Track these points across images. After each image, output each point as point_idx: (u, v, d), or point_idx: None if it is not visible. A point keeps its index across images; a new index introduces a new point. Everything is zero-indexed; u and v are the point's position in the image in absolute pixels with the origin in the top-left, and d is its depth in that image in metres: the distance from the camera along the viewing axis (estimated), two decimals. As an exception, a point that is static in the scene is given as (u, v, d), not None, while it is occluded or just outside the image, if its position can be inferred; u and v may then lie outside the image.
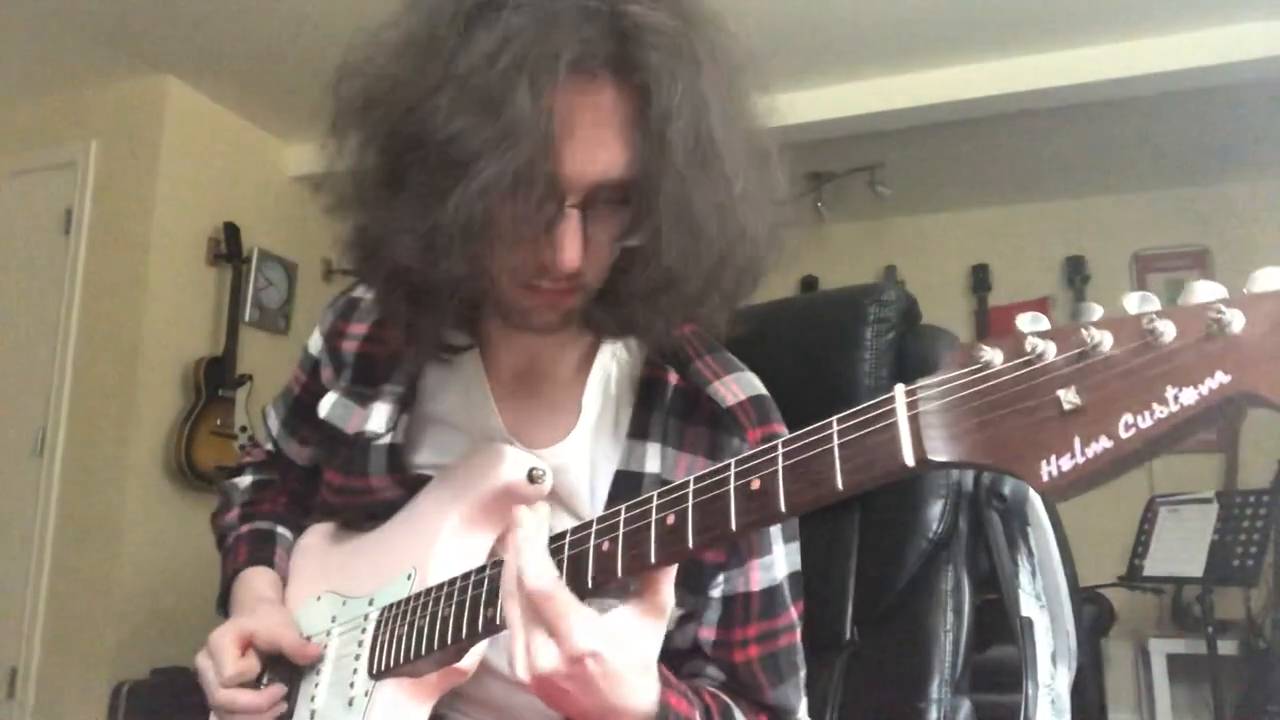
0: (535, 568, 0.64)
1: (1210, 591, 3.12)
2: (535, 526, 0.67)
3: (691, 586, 0.82)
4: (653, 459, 0.85)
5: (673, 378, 0.88)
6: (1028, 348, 0.48)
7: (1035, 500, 1.10)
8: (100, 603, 3.19)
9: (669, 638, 0.80)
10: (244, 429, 3.54)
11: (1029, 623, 1.07)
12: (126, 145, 3.49)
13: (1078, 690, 1.13)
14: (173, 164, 3.47)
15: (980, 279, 4.54)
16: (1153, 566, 3.27)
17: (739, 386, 0.88)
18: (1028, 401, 0.48)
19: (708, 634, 0.84)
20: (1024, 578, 1.10)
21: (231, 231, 3.59)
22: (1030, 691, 1.03)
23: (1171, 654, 3.65)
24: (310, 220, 3.96)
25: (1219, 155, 4.01)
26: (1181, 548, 3.17)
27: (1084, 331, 0.46)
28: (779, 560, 0.86)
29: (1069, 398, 0.46)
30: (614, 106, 0.71)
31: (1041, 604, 1.09)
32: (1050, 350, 0.47)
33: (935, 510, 1.08)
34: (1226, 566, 3.07)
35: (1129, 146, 3.96)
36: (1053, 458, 0.46)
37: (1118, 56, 3.17)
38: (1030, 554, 1.11)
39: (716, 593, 0.84)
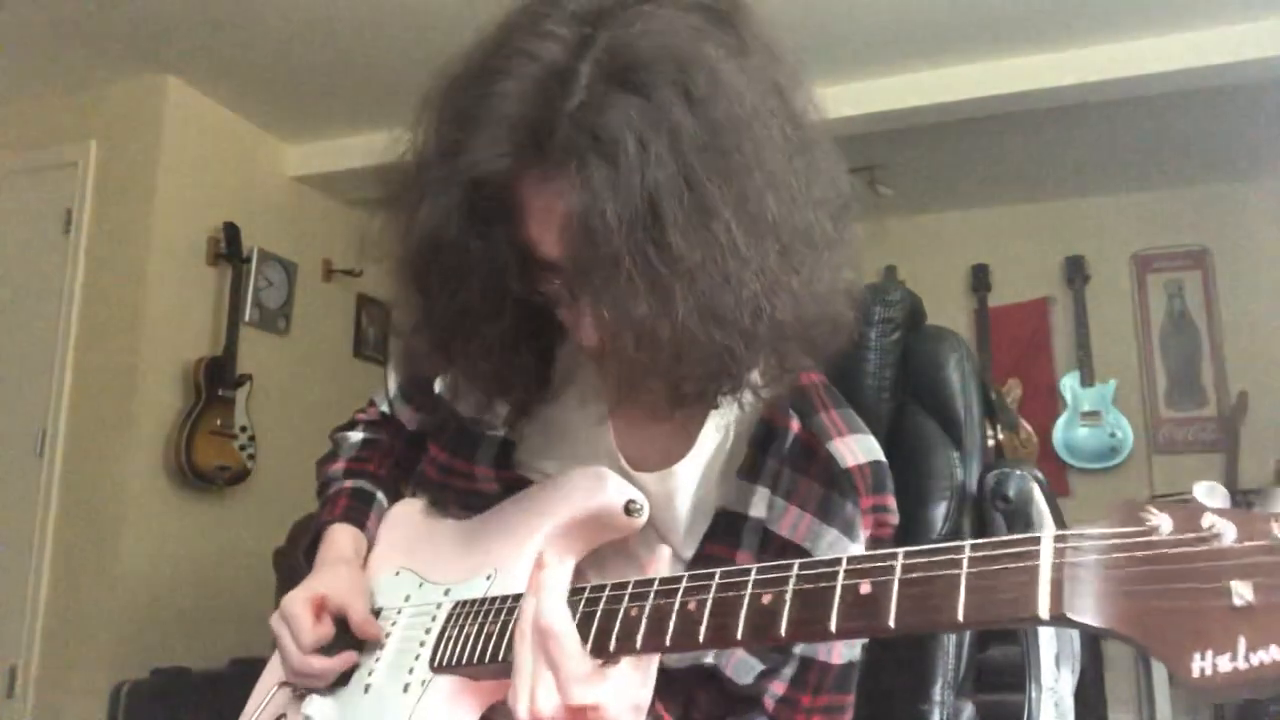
0: (551, 605, 0.67)
1: (1210, 591, 3.12)
2: (559, 571, 0.69)
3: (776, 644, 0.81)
4: (759, 504, 0.82)
5: (795, 425, 0.84)
6: (1204, 524, 0.44)
7: (1039, 502, 1.10)
8: (100, 603, 3.19)
9: (742, 686, 0.80)
10: (244, 429, 3.54)
11: (1033, 624, 1.07)
12: (126, 145, 3.48)
13: (1078, 691, 1.13)
14: (173, 164, 3.47)
15: (980, 279, 4.54)
16: (1153, 566, 3.26)
17: (860, 449, 0.84)
18: (1193, 583, 0.43)
19: (778, 688, 0.81)
20: (1027, 579, 1.10)
21: (231, 231, 3.58)
22: (1034, 694, 1.03)
23: (1172, 654, 3.64)
24: (310, 220, 3.96)
25: (1219, 155, 4.01)
26: (1182, 548, 3.16)
27: (1274, 523, 0.42)
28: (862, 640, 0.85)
29: (1242, 592, 0.42)
30: (555, 198, 0.69)
31: (1045, 605, 1.09)
32: (1229, 533, 0.43)
33: (939, 511, 1.08)
34: (1227, 566, 3.07)
35: (1129, 146, 3.96)
36: (1209, 653, 0.41)
37: (1118, 56, 3.17)
38: (1034, 555, 1.11)
39: (798, 650, 0.81)
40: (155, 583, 3.28)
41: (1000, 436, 4.14)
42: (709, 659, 0.79)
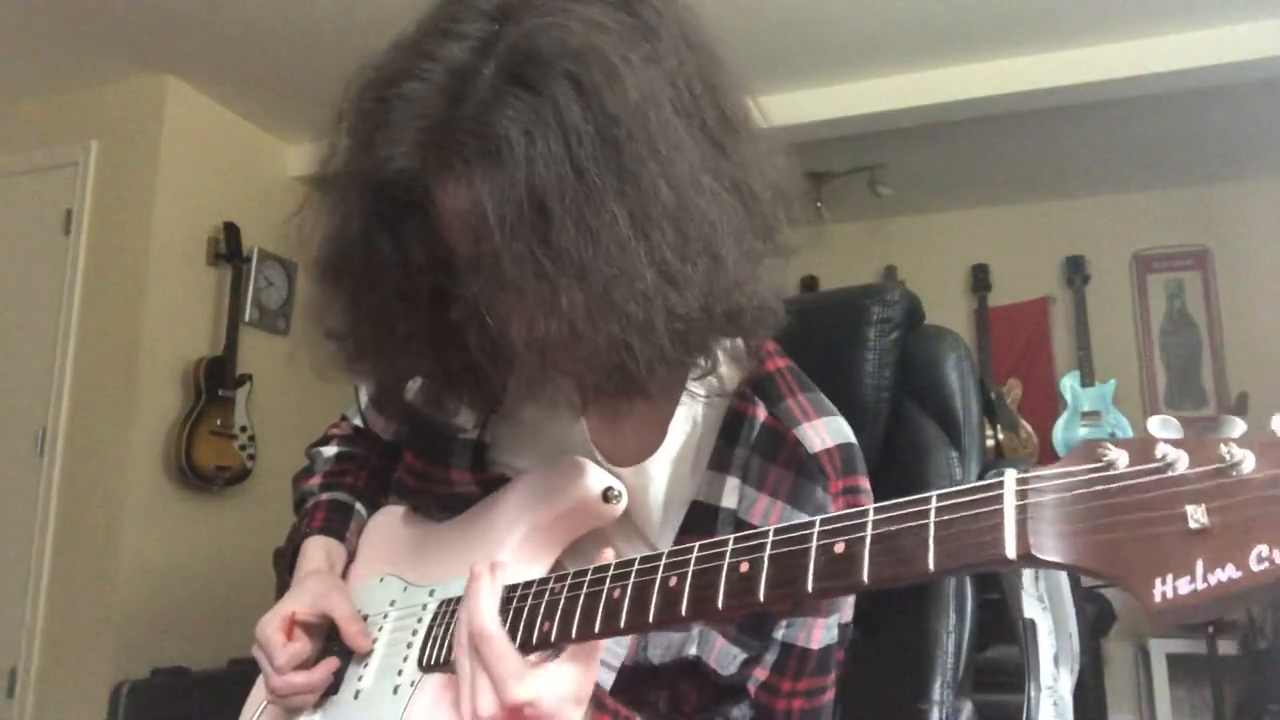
0: (481, 611, 0.70)
1: (1210, 591, 3.11)
2: (488, 580, 0.72)
3: (757, 633, 0.81)
4: (730, 494, 0.82)
5: (761, 413, 0.85)
6: (1157, 454, 0.45)
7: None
8: (100, 603, 3.19)
9: (727, 676, 0.80)
10: (244, 429, 3.54)
11: (1032, 624, 1.07)
12: (126, 145, 3.48)
13: (1077, 690, 1.13)
14: (173, 164, 3.47)
15: (980, 279, 4.54)
16: (1153, 566, 3.26)
17: (828, 432, 0.84)
18: (1150, 512, 0.44)
19: (761, 674, 0.82)
20: (1026, 579, 1.10)
21: (231, 231, 3.59)
22: (1033, 694, 1.03)
23: (1171, 654, 3.65)
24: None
25: (1219, 155, 4.02)
26: (1182, 548, 3.16)
27: (1223, 447, 0.43)
28: (842, 618, 0.85)
29: (1197, 516, 0.43)
30: (450, 199, 0.68)
31: (1044, 605, 1.09)
32: (1182, 461, 0.44)
33: (938, 511, 1.08)
34: (1227, 566, 3.07)
35: (1129, 146, 3.96)
36: (1169, 578, 0.43)
37: (1118, 56, 3.17)
38: (1033, 555, 1.11)
39: (779, 635, 0.81)
40: (155, 583, 3.28)
41: (1000, 436, 4.14)
42: (692, 650, 0.79)
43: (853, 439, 0.86)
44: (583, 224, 0.63)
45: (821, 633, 0.82)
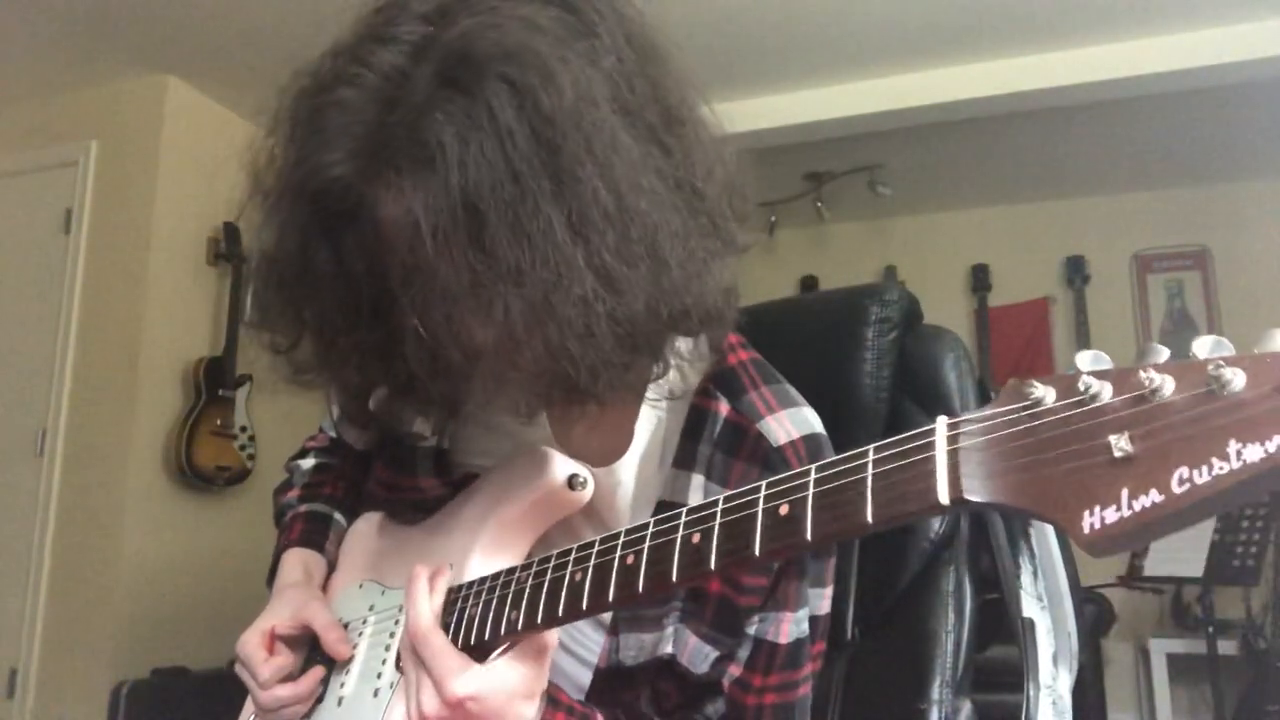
0: (419, 614, 0.72)
1: (1210, 591, 3.12)
2: (425, 584, 0.74)
3: (729, 630, 0.80)
4: (695, 492, 0.82)
5: (723, 408, 0.84)
6: (1081, 387, 0.45)
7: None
8: (100, 603, 3.19)
9: (699, 674, 0.80)
10: (244, 429, 3.54)
11: (1030, 624, 1.07)
12: (126, 145, 3.49)
13: (1077, 690, 1.13)
14: (173, 164, 3.47)
15: (980, 279, 4.55)
16: (1153, 566, 3.27)
17: (792, 424, 0.83)
18: (1076, 445, 0.44)
19: (734, 669, 0.82)
20: (1025, 578, 1.10)
21: (231, 231, 3.58)
22: (1032, 693, 1.03)
23: (1171, 654, 3.65)
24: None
25: (1219, 155, 4.02)
26: (1181, 548, 3.17)
27: (1143, 374, 0.43)
28: (819, 610, 0.85)
29: (1121, 445, 0.43)
30: (382, 206, 0.67)
31: (1043, 605, 1.09)
32: (1106, 391, 0.44)
33: (937, 511, 1.08)
34: (1226, 566, 3.08)
35: (1129, 146, 3.96)
36: (1097, 509, 0.42)
37: (1118, 56, 3.17)
38: (1032, 554, 1.11)
39: (751, 630, 0.81)
40: (155, 583, 3.28)
41: (1000, 436, 4.13)
42: (667, 649, 0.79)
43: (819, 429, 0.85)
44: (518, 229, 0.62)
45: (790, 627, 0.82)
